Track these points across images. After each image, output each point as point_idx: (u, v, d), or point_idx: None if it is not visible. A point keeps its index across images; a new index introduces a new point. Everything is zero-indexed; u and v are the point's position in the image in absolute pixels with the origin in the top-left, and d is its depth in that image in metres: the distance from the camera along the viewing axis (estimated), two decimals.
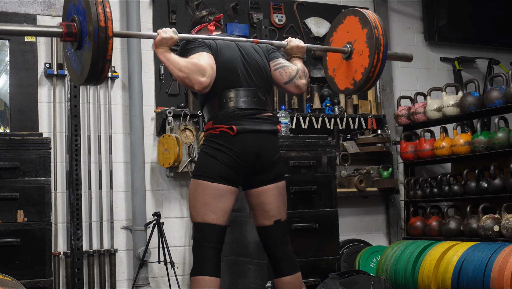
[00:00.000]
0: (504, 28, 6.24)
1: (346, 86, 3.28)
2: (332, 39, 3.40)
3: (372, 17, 3.12)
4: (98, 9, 2.47)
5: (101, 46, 2.47)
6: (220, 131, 2.94)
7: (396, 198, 5.51)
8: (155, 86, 4.87)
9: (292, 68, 3.14)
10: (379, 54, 3.06)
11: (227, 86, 2.99)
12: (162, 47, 2.86)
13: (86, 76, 2.53)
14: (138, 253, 4.53)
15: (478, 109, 4.74)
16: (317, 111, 5.25)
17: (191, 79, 2.82)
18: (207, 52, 2.94)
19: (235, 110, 2.97)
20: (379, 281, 3.92)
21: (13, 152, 3.54)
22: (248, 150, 2.95)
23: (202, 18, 3.26)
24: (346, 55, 3.24)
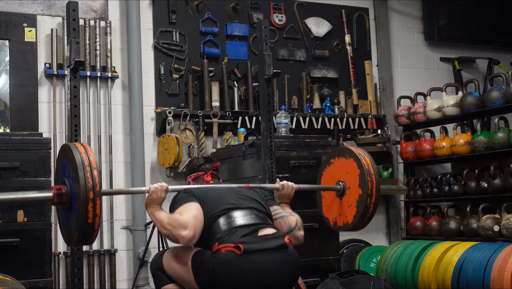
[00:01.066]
0: (504, 28, 6.24)
1: (343, 222, 3.22)
2: (325, 172, 3.35)
3: (365, 161, 3.07)
4: (86, 174, 2.46)
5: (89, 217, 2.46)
6: (226, 250, 2.77)
7: (396, 198, 5.50)
8: (155, 86, 4.87)
9: (291, 219, 3.11)
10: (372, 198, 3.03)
11: (219, 215, 2.92)
12: (151, 206, 2.91)
13: (77, 237, 2.53)
14: (138, 253, 4.53)
15: (478, 109, 4.74)
16: (317, 111, 5.25)
17: (174, 235, 2.82)
18: (194, 202, 2.92)
19: (236, 227, 2.87)
20: (379, 281, 3.92)
21: (13, 152, 3.53)
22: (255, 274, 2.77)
23: (199, 167, 3.27)
24: (339, 193, 3.21)
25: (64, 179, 2.60)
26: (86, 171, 2.46)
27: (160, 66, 4.88)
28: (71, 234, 2.58)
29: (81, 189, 2.44)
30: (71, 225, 2.56)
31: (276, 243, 2.84)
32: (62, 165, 2.66)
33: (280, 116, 4.58)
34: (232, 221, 2.88)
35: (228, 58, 5.09)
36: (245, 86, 5.08)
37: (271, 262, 2.79)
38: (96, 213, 2.46)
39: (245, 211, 2.94)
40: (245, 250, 2.74)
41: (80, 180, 2.44)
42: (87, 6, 4.74)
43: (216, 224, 2.88)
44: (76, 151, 2.51)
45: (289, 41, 5.39)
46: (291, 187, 3.23)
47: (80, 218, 2.45)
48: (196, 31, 5.05)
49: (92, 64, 4.65)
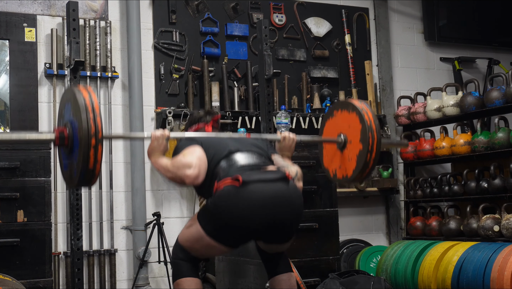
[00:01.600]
0: (504, 28, 6.24)
1: (342, 175, 3.21)
2: (328, 123, 3.34)
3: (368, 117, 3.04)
4: (89, 120, 2.45)
5: (91, 155, 2.46)
6: (225, 185, 2.77)
7: (396, 198, 5.51)
8: (155, 86, 4.88)
9: (291, 170, 3.08)
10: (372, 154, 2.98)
11: (221, 159, 2.91)
12: (154, 155, 2.91)
13: (77, 181, 2.54)
14: (138, 253, 4.53)
15: (478, 109, 4.74)
16: (317, 111, 5.24)
17: (179, 175, 2.82)
18: (197, 147, 2.92)
19: (238, 167, 2.87)
20: (379, 281, 3.92)
21: (13, 152, 3.54)
22: (257, 203, 2.76)
23: (199, 119, 3.26)
24: (341, 145, 3.18)
25: (67, 122, 2.59)
26: (89, 116, 2.44)
27: (160, 66, 4.88)
28: (72, 177, 2.59)
29: (83, 134, 2.43)
30: (72, 169, 2.56)
31: (277, 175, 2.84)
32: (65, 108, 2.65)
33: (280, 116, 4.58)
34: (233, 163, 2.88)
35: (228, 58, 5.09)
36: (245, 86, 5.08)
37: (273, 190, 2.77)
38: (97, 159, 2.46)
39: (246, 154, 2.95)
40: (244, 181, 2.73)
41: (82, 124, 2.43)
42: (87, 6, 4.74)
43: (218, 167, 2.87)
44: (80, 95, 2.49)
45: (289, 41, 5.39)
46: (292, 138, 3.22)
47: (81, 164, 2.45)
48: (196, 31, 5.05)
49: (92, 64, 4.65)
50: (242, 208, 2.73)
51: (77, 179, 2.52)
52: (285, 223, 2.83)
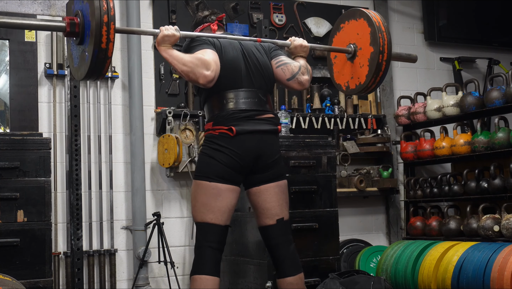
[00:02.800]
0: (504, 28, 6.24)
1: (355, 84, 3.23)
2: (335, 38, 3.36)
3: (376, 19, 3.09)
4: (102, 3, 2.47)
5: (103, 42, 2.48)
6: (220, 132, 2.96)
7: (396, 198, 5.51)
8: (155, 86, 4.88)
9: (295, 64, 3.13)
10: (383, 54, 3.03)
11: (228, 86, 3.00)
12: (164, 45, 2.87)
13: (89, 66, 2.54)
14: (138, 253, 4.53)
15: (478, 109, 4.74)
16: (317, 111, 5.24)
17: (196, 73, 2.83)
18: (211, 49, 2.95)
19: (235, 111, 2.99)
20: (379, 281, 3.92)
21: (13, 152, 3.54)
22: (247, 151, 2.98)
23: (204, 18, 3.26)
24: (350, 55, 3.21)
25: (77, 11, 2.59)
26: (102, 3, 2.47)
27: (160, 66, 4.88)
28: (83, 64, 2.58)
29: (95, 14, 2.43)
30: (84, 56, 2.55)
31: (269, 127, 3.04)
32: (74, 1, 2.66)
33: (280, 116, 4.58)
34: (236, 102, 2.98)
35: None
36: None
37: (259, 141, 3.00)
38: (110, 38, 2.46)
39: (250, 93, 3.02)
40: (238, 132, 2.95)
41: (94, 5, 2.45)
42: None
43: (223, 94, 2.99)
44: None
45: None
46: (301, 40, 3.23)
47: (94, 42, 2.45)
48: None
49: None
50: (231, 151, 2.95)
51: (89, 63, 2.50)
52: (263, 162, 3.04)
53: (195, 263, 2.95)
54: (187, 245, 4.79)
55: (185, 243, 4.80)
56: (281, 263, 3.06)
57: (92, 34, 2.46)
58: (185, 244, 4.80)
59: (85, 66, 2.56)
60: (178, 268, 4.65)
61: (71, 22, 2.57)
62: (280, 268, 3.06)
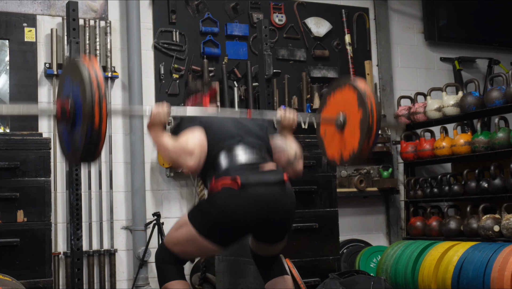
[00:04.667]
0: (504, 28, 6.24)
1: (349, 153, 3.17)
2: (323, 113, 3.34)
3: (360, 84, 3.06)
4: (93, 85, 2.41)
5: (95, 122, 2.40)
6: (223, 187, 2.76)
7: (396, 198, 5.51)
8: (155, 86, 4.88)
9: (290, 152, 3.09)
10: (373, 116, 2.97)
11: (223, 148, 2.91)
12: (153, 128, 2.87)
13: (81, 154, 2.47)
14: (138, 253, 4.53)
15: (478, 109, 4.74)
16: (317, 111, 5.24)
17: (179, 162, 2.81)
18: (198, 128, 2.90)
19: (236, 165, 2.87)
20: (379, 281, 3.92)
21: (13, 152, 3.53)
22: (253, 206, 2.77)
23: (196, 90, 3.25)
24: (340, 124, 3.16)
25: (68, 94, 2.55)
26: (92, 79, 2.41)
27: (160, 66, 4.88)
28: (76, 149, 2.51)
29: (86, 94, 2.38)
30: (76, 139, 2.49)
31: (275, 178, 2.85)
32: (65, 81, 2.62)
33: None
34: (233, 158, 2.87)
35: (228, 58, 5.09)
36: (245, 86, 5.08)
37: (269, 195, 2.79)
38: (102, 118, 2.39)
39: (247, 148, 2.93)
40: (243, 184, 2.73)
41: (85, 86, 2.39)
42: (87, 6, 4.74)
43: (217, 158, 2.87)
44: (80, 62, 2.48)
45: (289, 41, 5.39)
46: (292, 118, 3.21)
47: (86, 123, 2.38)
48: (196, 31, 5.05)
49: None
50: (238, 210, 2.74)
51: (82, 146, 2.43)
52: (277, 224, 2.86)
53: (159, 276, 2.97)
54: None
55: None
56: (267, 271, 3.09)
57: (84, 115, 2.39)
58: None
59: (79, 150, 2.49)
60: None
61: (62, 106, 2.51)
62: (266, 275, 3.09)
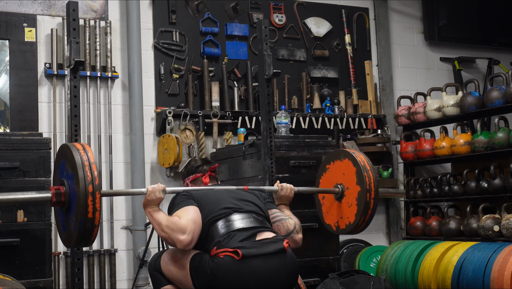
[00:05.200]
0: (504, 28, 6.24)
1: (345, 224, 3.23)
2: (322, 178, 3.37)
3: (360, 158, 3.09)
4: (85, 168, 2.45)
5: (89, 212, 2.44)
6: (225, 255, 2.77)
7: (396, 198, 5.50)
8: (155, 86, 4.88)
9: (290, 222, 3.10)
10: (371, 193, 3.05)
11: (219, 218, 2.92)
12: (150, 206, 2.92)
13: (76, 235, 2.49)
14: (138, 253, 4.53)
15: (478, 109, 4.74)
16: (317, 111, 5.24)
17: (172, 238, 2.83)
18: (193, 205, 2.93)
19: (234, 231, 2.87)
20: (379, 281, 3.92)
21: (13, 152, 3.53)
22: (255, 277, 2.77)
23: (196, 168, 3.28)
24: (338, 196, 3.22)
25: (62, 180, 2.59)
26: (85, 166, 2.45)
27: (160, 66, 4.88)
28: (71, 233, 2.55)
29: (80, 184, 2.42)
30: (71, 224, 2.54)
31: (275, 248, 2.83)
32: (60, 166, 2.65)
33: (280, 116, 4.58)
34: (230, 225, 2.88)
35: (228, 58, 5.09)
36: (245, 86, 5.08)
37: (270, 267, 2.78)
38: (96, 208, 2.44)
39: (243, 215, 2.93)
40: (244, 256, 2.74)
41: (79, 175, 2.43)
42: (87, 6, 4.74)
43: (214, 227, 2.88)
44: (74, 149, 2.51)
45: (289, 41, 5.39)
46: (290, 188, 3.22)
47: (80, 213, 2.43)
48: (196, 31, 5.05)
49: (92, 64, 4.65)
50: (239, 282, 2.74)
51: (76, 233, 2.47)
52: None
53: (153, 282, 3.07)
54: None
55: None
56: None
57: (78, 204, 2.43)
58: None
59: (73, 234, 2.53)
60: None
61: (57, 192, 2.54)
62: None
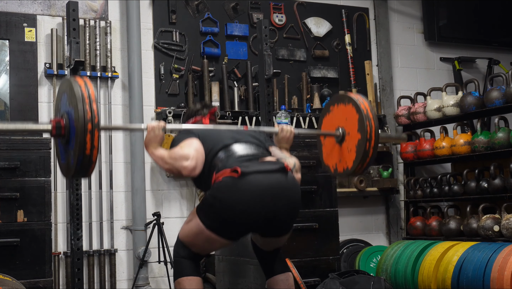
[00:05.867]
0: (504, 28, 6.24)
1: (343, 168, 3.21)
2: (325, 119, 3.35)
3: (364, 106, 3.07)
4: (85, 106, 2.46)
5: (87, 148, 2.47)
6: (224, 177, 2.78)
7: (396, 198, 5.51)
8: (155, 86, 4.88)
9: (289, 161, 3.07)
10: (371, 142, 3.00)
11: (221, 148, 2.93)
12: (151, 145, 2.92)
13: (74, 169, 2.53)
14: (138, 253, 4.53)
15: (478, 109, 4.74)
16: (317, 111, 5.24)
17: (176, 167, 2.84)
18: (195, 139, 2.94)
19: (236, 157, 2.88)
20: (379, 281, 3.92)
21: (13, 152, 3.54)
22: (256, 195, 2.76)
23: (196, 112, 3.27)
24: (339, 139, 3.20)
25: (63, 113, 2.60)
26: (85, 103, 2.46)
27: (160, 66, 4.88)
28: (69, 166, 2.59)
29: (79, 121, 2.44)
30: (69, 158, 2.57)
31: (276, 166, 2.84)
32: (61, 99, 2.66)
33: (280, 116, 4.58)
34: (231, 154, 2.89)
35: (228, 58, 5.09)
36: (245, 86, 5.08)
37: (271, 181, 2.78)
38: (94, 145, 2.47)
39: (244, 144, 2.96)
40: (243, 172, 2.74)
41: (78, 111, 2.45)
42: (87, 6, 4.74)
43: (216, 158, 2.89)
44: (76, 84, 2.51)
45: (289, 41, 5.39)
46: (290, 130, 3.19)
47: (78, 149, 2.46)
48: (196, 31, 5.05)
49: (92, 64, 4.65)
50: (240, 200, 2.74)
51: (74, 167, 2.52)
52: (283, 214, 2.84)
53: (175, 270, 3.02)
54: None
55: None
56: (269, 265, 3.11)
57: (77, 140, 2.46)
58: None
59: (71, 167, 2.57)
60: None
61: (57, 125, 2.57)
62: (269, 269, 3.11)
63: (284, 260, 3.15)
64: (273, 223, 2.84)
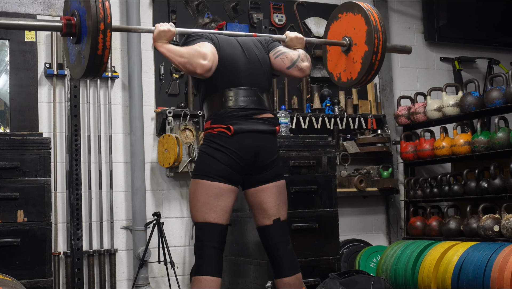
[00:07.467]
0: (504, 28, 6.24)
1: (347, 78, 3.24)
2: (332, 26, 3.34)
3: (373, 17, 3.09)
4: (98, 4, 2.46)
5: (99, 49, 2.47)
6: (218, 131, 2.94)
7: (396, 198, 5.51)
8: (155, 86, 4.88)
9: (293, 52, 3.10)
10: (377, 55, 3.03)
11: (227, 84, 2.98)
12: (160, 41, 2.87)
13: (85, 69, 2.53)
14: (138, 253, 4.53)
15: (478, 109, 4.74)
16: (317, 111, 5.24)
17: (192, 63, 2.82)
18: (209, 43, 2.95)
19: (234, 109, 2.96)
20: (379, 281, 3.92)
21: (13, 152, 3.54)
22: (245, 150, 2.95)
23: (204, 26, 3.28)
24: (345, 48, 3.20)
25: (74, 11, 2.57)
26: (98, 1, 2.44)
27: (160, 66, 4.88)
28: (79, 66, 2.58)
29: (92, 19, 2.41)
30: (80, 57, 2.55)
31: (267, 127, 3.00)
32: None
33: (280, 116, 4.58)
34: (235, 100, 2.96)
35: None
36: None
37: (257, 141, 2.97)
38: (106, 46, 2.46)
39: (249, 92, 2.99)
40: (235, 131, 2.92)
41: (91, 11, 2.42)
42: None
43: (221, 94, 2.97)
44: None
45: None
46: (299, 37, 3.19)
47: (89, 49, 2.44)
48: None
49: None
50: (230, 151, 2.93)
51: (85, 66, 2.50)
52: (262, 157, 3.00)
53: (197, 263, 2.93)
54: (187, 245, 4.79)
55: (185, 243, 4.80)
56: (278, 263, 3.05)
57: (89, 40, 2.44)
58: (185, 244, 4.80)
59: (81, 67, 2.56)
60: (178, 268, 4.65)
61: (68, 23, 2.54)
62: (278, 268, 3.06)
63: (294, 260, 3.08)
64: (257, 163, 2.99)
